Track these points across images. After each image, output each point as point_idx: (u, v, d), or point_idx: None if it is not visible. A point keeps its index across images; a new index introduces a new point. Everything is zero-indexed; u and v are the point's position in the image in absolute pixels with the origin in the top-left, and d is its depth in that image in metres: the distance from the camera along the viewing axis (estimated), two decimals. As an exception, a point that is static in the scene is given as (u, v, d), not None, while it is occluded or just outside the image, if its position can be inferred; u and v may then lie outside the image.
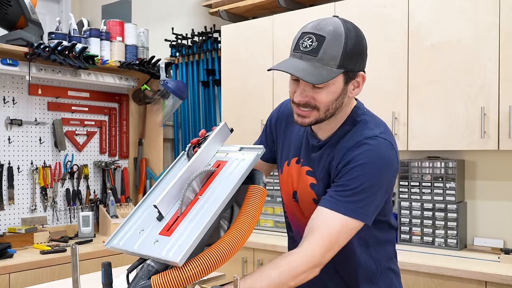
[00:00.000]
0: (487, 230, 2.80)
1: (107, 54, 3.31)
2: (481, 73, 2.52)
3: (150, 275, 1.09)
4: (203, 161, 1.31)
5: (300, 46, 1.29)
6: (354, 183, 1.29)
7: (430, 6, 2.67)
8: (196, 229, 1.12)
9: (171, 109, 3.52)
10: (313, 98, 1.30)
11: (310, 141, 1.44)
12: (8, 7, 2.91)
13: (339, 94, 1.32)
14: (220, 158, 1.33)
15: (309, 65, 1.27)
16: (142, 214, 1.26)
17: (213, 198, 1.20)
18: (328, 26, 1.28)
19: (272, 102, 3.28)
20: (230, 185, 1.21)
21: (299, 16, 3.16)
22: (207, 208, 1.17)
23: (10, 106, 3.09)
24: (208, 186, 1.24)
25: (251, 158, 1.27)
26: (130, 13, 4.63)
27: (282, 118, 1.58)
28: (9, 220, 3.07)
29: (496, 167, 2.78)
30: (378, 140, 1.32)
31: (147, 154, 3.78)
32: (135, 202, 3.71)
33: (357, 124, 1.38)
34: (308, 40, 1.28)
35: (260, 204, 1.22)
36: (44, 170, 3.21)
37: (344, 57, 1.27)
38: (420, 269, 2.41)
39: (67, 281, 2.05)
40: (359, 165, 1.29)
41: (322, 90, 1.29)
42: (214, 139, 1.36)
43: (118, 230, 1.25)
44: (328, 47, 1.26)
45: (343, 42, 1.26)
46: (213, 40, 3.88)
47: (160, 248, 1.12)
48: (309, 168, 1.43)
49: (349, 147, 1.32)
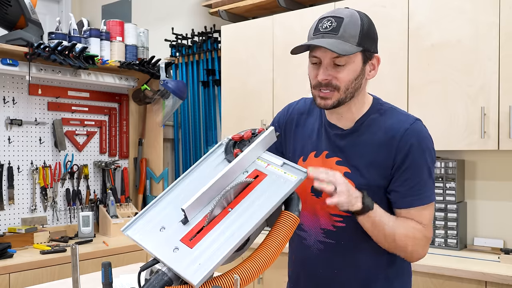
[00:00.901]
0: (487, 230, 2.80)
1: (107, 54, 3.32)
2: (481, 73, 2.52)
3: (162, 284, 1.06)
4: (243, 166, 1.24)
5: (320, 28, 1.37)
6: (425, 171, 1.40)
7: (430, 6, 2.66)
8: (221, 251, 1.05)
9: (171, 109, 3.52)
10: (335, 77, 1.37)
11: (332, 132, 1.48)
12: (8, 7, 2.91)
13: (358, 74, 1.39)
14: (259, 168, 1.24)
15: (332, 40, 1.34)
16: (165, 208, 1.19)
17: (247, 217, 1.11)
18: (343, 11, 1.38)
19: (272, 102, 3.28)
20: (266, 208, 1.12)
21: (299, 16, 3.16)
22: (237, 227, 1.09)
23: (10, 106, 3.09)
24: (241, 200, 1.16)
25: (294, 182, 1.19)
26: (130, 13, 4.63)
27: (292, 118, 1.61)
28: (9, 220, 3.07)
29: (496, 167, 2.78)
30: (419, 124, 1.43)
31: (147, 154, 3.78)
32: (135, 202, 3.71)
33: (387, 111, 1.46)
34: (327, 22, 1.36)
35: (290, 233, 1.17)
36: (44, 170, 3.21)
37: (362, 36, 1.35)
38: (420, 269, 2.41)
39: (67, 281, 2.05)
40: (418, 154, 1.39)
41: (343, 69, 1.36)
42: (259, 144, 1.27)
43: (138, 218, 1.18)
44: (347, 26, 1.34)
45: (360, 23, 1.35)
46: (213, 40, 3.88)
47: (179, 259, 1.06)
48: (338, 158, 1.46)
49: (400, 135, 1.39)
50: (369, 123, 1.45)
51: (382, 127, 1.42)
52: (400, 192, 1.41)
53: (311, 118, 1.56)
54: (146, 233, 1.15)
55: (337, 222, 1.46)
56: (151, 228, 1.16)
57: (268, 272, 2.94)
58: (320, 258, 1.51)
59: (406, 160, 1.39)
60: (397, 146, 1.39)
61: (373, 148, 1.42)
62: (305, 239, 1.54)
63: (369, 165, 1.42)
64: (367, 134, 1.44)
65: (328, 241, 1.48)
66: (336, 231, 1.47)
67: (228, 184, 1.18)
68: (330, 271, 1.50)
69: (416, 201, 1.41)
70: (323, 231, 1.49)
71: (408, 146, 1.38)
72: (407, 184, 1.40)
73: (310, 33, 1.41)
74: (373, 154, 1.41)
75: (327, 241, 1.49)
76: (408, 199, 1.41)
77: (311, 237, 1.52)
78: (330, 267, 1.50)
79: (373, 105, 1.47)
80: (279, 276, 1.75)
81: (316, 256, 1.51)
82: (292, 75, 3.18)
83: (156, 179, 3.75)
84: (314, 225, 1.51)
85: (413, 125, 1.41)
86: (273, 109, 3.26)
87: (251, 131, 1.33)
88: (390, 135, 1.40)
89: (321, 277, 1.52)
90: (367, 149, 1.43)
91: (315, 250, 1.51)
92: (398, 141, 1.39)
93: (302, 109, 1.60)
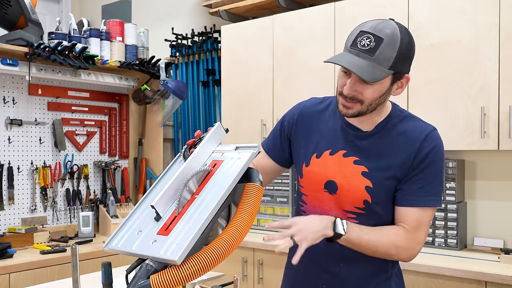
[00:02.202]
0: (487, 230, 2.80)
1: (107, 54, 3.31)
2: (481, 73, 2.52)
3: (149, 274, 1.09)
4: (199, 161, 1.32)
5: (358, 43, 1.37)
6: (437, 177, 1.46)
7: (430, 6, 2.66)
8: (193, 228, 1.12)
9: (171, 109, 3.52)
10: (360, 93, 1.40)
11: (352, 133, 1.52)
12: (8, 7, 2.91)
13: (384, 93, 1.43)
14: (216, 158, 1.34)
15: (365, 63, 1.35)
16: (140, 215, 1.27)
17: (210, 197, 1.20)
18: (386, 29, 1.37)
19: (272, 102, 3.28)
20: (226, 184, 1.21)
21: (299, 16, 3.16)
22: (204, 207, 1.18)
23: (10, 106, 3.09)
24: (204, 186, 1.25)
25: (246, 157, 1.28)
26: (130, 13, 4.63)
27: (305, 116, 1.63)
28: (9, 220, 3.07)
29: (496, 167, 2.78)
30: (438, 133, 1.49)
31: (147, 154, 3.78)
32: (135, 202, 3.71)
33: (406, 118, 1.51)
34: (366, 39, 1.36)
35: (257, 201, 1.24)
36: (44, 170, 3.21)
37: (397, 60, 1.37)
38: (420, 269, 2.41)
39: (67, 281, 2.05)
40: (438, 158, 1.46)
41: (370, 87, 1.39)
42: (209, 139, 1.37)
43: (117, 232, 1.25)
44: (385, 49, 1.35)
45: (398, 46, 1.36)
46: (213, 40, 3.88)
47: (158, 247, 1.12)
48: (356, 158, 1.50)
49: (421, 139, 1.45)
50: (389, 127, 1.50)
51: (402, 131, 1.48)
52: (407, 190, 1.45)
53: (324, 117, 1.59)
54: (126, 240, 1.20)
55: (351, 218, 1.49)
56: (129, 235, 1.21)
57: (268, 272, 2.94)
58: (327, 253, 1.53)
59: (424, 162, 1.44)
60: (418, 149, 1.44)
61: (393, 150, 1.47)
62: None
63: (387, 166, 1.46)
64: (388, 137, 1.48)
65: None
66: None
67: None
68: (335, 266, 1.53)
69: (418, 202, 1.45)
70: None
71: (427, 150, 1.44)
72: (416, 184, 1.45)
73: (348, 43, 1.41)
74: (392, 156, 1.46)
75: None
76: (411, 197, 1.45)
77: None
78: (336, 262, 1.53)
79: (393, 111, 1.52)
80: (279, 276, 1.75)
81: (321, 250, 1.53)
82: (292, 75, 3.18)
83: (156, 179, 3.74)
84: None
85: (433, 132, 1.47)
86: (273, 109, 3.26)
87: (200, 132, 1.43)
88: (411, 140, 1.46)
89: (324, 271, 1.55)
90: (387, 151, 1.47)
91: (321, 245, 1.52)
92: (419, 145, 1.44)
93: (315, 107, 1.63)
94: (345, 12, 2.94)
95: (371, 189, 1.46)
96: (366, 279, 1.53)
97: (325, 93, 1.81)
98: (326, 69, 2.98)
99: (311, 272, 1.58)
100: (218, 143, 1.41)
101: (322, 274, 1.56)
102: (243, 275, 3.04)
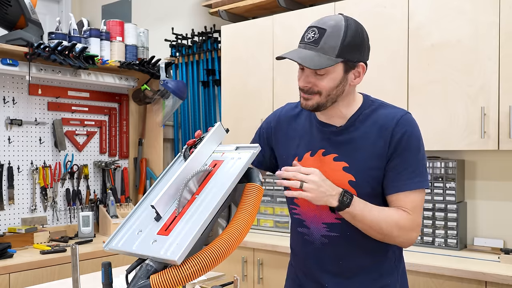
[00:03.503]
0: (487, 230, 2.80)
1: (107, 54, 3.31)
2: (481, 73, 2.52)
3: (149, 274, 1.09)
4: (200, 161, 1.32)
5: (305, 38, 1.45)
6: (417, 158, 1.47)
7: (430, 6, 2.66)
8: (193, 228, 1.12)
9: (171, 109, 3.52)
10: (315, 84, 1.45)
11: (327, 130, 1.54)
12: (8, 7, 2.91)
13: (339, 82, 1.45)
14: (216, 158, 1.34)
15: (311, 53, 1.42)
16: (140, 215, 1.27)
17: (210, 197, 1.20)
18: (330, 20, 1.44)
19: (272, 101, 3.28)
20: (227, 184, 1.21)
21: (299, 16, 3.16)
22: (204, 207, 1.18)
23: (10, 106, 3.09)
24: (204, 186, 1.25)
25: (247, 157, 1.28)
26: (130, 13, 4.63)
27: (281, 121, 1.67)
28: (9, 220, 3.07)
29: (496, 167, 2.78)
30: (410, 116, 1.51)
31: (147, 154, 3.78)
32: (135, 202, 3.71)
33: (378, 107, 1.53)
34: (311, 32, 1.44)
35: (257, 201, 1.24)
36: (44, 170, 3.21)
37: (343, 48, 1.41)
38: (420, 269, 2.41)
39: (67, 281, 2.05)
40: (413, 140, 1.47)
41: (323, 77, 1.44)
42: (209, 139, 1.37)
43: (117, 232, 1.25)
44: (328, 39, 1.41)
45: (342, 35, 1.41)
46: (213, 40, 3.88)
47: (158, 247, 1.12)
48: (335, 155, 1.51)
49: (392, 125, 1.47)
50: (362, 118, 1.51)
51: (375, 120, 1.50)
52: (390, 177, 1.47)
53: (300, 120, 1.62)
54: (126, 240, 1.21)
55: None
56: (129, 235, 1.22)
57: (268, 272, 2.94)
58: (325, 251, 1.54)
59: (399, 147, 1.46)
60: (391, 135, 1.46)
61: (369, 140, 1.48)
62: (307, 235, 1.57)
63: (366, 158, 1.47)
64: (362, 128, 1.50)
65: (332, 234, 1.52)
66: (340, 224, 1.50)
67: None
68: (334, 263, 1.54)
69: (404, 186, 1.46)
70: (326, 225, 1.52)
71: (400, 134, 1.46)
72: (396, 169, 1.46)
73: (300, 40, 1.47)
74: (370, 147, 1.48)
75: (331, 235, 1.52)
76: (397, 183, 1.46)
77: (314, 233, 1.55)
78: (335, 259, 1.54)
79: (364, 102, 1.54)
80: (279, 276, 1.75)
81: (320, 250, 1.55)
82: (292, 75, 3.17)
83: (156, 179, 3.73)
84: (315, 220, 1.54)
85: (404, 116, 1.49)
86: (273, 108, 3.26)
87: (201, 132, 1.43)
88: (384, 127, 1.47)
89: (324, 270, 1.55)
90: (363, 142, 1.48)
91: (319, 245, 1.54)
92: (392, 130, 1.46)
93: (290, 112, 1.66)
94: (345, 12, 2.91)
95: (355, 182, 1.48)
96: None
97: (325, 93, 1.81)
98: (326, 69, 2.98)
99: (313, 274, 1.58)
100: (218, 143, 1.41)
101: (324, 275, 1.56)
102: (243, 275, 3.04)
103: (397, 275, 1.57)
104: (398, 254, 1.59)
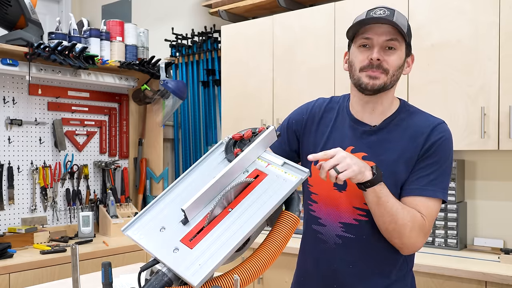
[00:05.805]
0: (487, 230, 2.80)
1: (107, 54, 3.32)
2: (481, 73, 2.52)
3: (162, 285, 1.06)
4: (243, 166, 1.23)
5: (373, 15, 1.43)
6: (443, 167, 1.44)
7: (430, 6, 2.67)
8: (221, 251, 1.06)
9: (171, 109, 3.52)
10: (385, 61, 1.44)
11: (360, 129, 1.52)
12: (8, 7, 2.91)
13: (402, 63, 1.48)
14: (260, 168, 1.24)
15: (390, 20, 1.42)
16: (165, 208, 1.19)
17: (246, 217, 1.11)
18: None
19: (272, 102, 3.28)
20: (266, 208, 1.12)
21: (299, 16, 3.16)
22: (238, 228, 1.09)
23: (10, 106, 3.09)
24: (241, 200, 1.16)
25: (294, 182, 1.18)
26: (130, 13, 4.63)
27: (314, 115, 1.62)
28: (9, 220, 3.07)
29: (496, 167, 2.78)
30: (447, 126, 1.50)
31: (147, 154, 3.78)
32: (135, 202, 3.71)
33: (415, 112, 1.53)
34: (380, 10, 1.44)
35: (291, 233, 1.18)
36: (44, 170, 3.21)
37: (408, 29, 1.47)
38: (420, 269, 2.41)
39: (67, 281, 2.05)
40: (445, 148, 1.46)
41: (394, 53, 1.45)
42: (259, 144, 1.26)
43: (138, 218, 1.18)
44: (399, 16, 1.44)
45: (407, 19, 1.48)
46: (213, 40, 3.88)
47: (179, 260, 1.06)
48: (365, 154, 1.49)
49: (428, 131, 1.46)
50: (397, 122, 1.50)
51: (411, 125, 1.49)
52: (414, 180, 1.44)
53: (332, 115, 1.59)
54: (146, 233, 1.15)
55: (360, 216, 1.47)
56: (151, 228, 1.15)
57: (268, 272, 2.94)
58: (337, 252, 1.51)
59: (429, 150, 1.44)
60: (425, 139, 1.45)
61: (402, 144, 1.46)
62: (321, 233, 1.54)
63: (396, 160, 1.45)
64: (396, 131, 1.49)
65: (347, 235, 1.49)
66: (358, 225, 1.48)
67: (228, 184, 1.18)
68: (345, 266, 1.50)
69: (425, 191, 1.43)
70: (343, 225, 1.49)
71: (435, 139, 1.45)
72: (421, 172, 1.44)
73: (362, 17, 1.45)
74: (401, 150, 1.46)
75: (346, 236, 1.49)
76: (418, 186, 1.44)
77: (329, 232, 1.52)
78: (345, 262, 1.50)
79: (401, 106, 1.54)
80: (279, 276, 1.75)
81: (332, 250, 1.52)
82: (293, 75, 3.18)
83: (156, 179, 3.75)
84: (333, 219, 1.51)
85: (442, 124, 1.49)
86: (273, 109, 3.26)
87: (252, 131, 1.32)
88: (420, 132, 1.47)
89: (334, 271, 1.52)
90: (395, 145, 1.47)
91: (332, 245, 1.51)
92: (427, 135, 1.45)
93: (323, 106, 1.62)
94: (345, 12, 2.94)
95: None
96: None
97: (325, 93, 1.81)
98: (326, 69, 2.98)
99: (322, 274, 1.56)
100: (266, 148, 1.30)
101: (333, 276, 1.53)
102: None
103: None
104: (410, 267, 1.55)
